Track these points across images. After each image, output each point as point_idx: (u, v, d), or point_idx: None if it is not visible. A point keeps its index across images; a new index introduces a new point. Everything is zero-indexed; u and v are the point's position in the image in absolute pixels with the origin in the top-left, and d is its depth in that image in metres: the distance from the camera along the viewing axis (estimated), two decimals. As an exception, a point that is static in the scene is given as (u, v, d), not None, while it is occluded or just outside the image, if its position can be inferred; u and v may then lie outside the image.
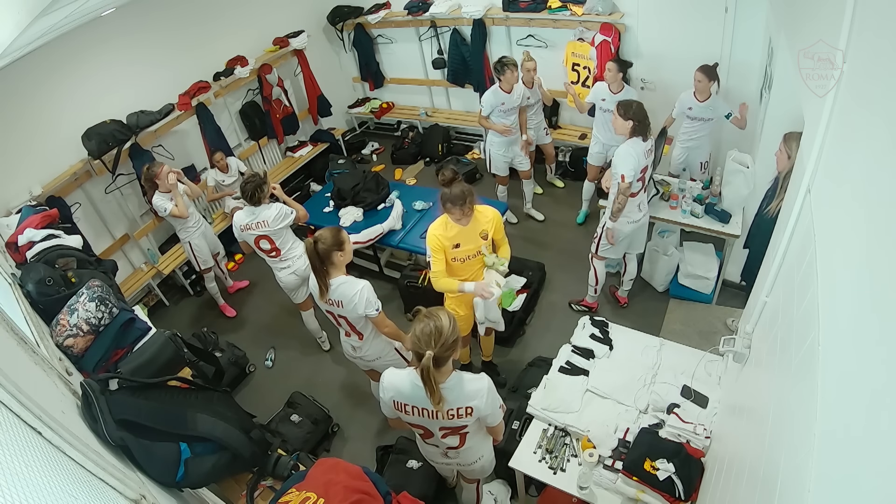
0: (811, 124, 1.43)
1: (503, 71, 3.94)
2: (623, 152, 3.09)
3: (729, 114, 3.63)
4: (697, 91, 3.68)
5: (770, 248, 2.00)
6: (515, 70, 3.97)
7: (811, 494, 0.89)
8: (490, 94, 4.09)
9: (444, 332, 1.80)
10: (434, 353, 1.77)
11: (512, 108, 4.13)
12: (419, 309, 1.90)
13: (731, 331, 3.45)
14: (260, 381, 4.01)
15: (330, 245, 2.46)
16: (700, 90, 3.66)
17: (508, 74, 3.94)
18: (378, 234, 4.09)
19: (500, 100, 4.06)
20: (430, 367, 1.77)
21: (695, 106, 3.75)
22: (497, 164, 4.53)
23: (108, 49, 4.27)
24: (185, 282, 4.88)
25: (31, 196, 3.87)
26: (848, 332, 0.94)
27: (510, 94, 4.05)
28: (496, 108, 4.10)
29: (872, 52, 1.05)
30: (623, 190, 3.10)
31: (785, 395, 1.25)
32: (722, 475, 1.78)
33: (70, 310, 2.22)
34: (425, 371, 1.78)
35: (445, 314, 1.85)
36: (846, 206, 1.10)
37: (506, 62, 3.95)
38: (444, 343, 1.79)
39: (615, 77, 3.87)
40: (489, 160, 4.58)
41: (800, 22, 1.79)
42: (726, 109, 3.65)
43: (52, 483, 0.91)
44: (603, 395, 2.54)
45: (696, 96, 3.72)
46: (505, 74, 3.95)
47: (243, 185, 3.32)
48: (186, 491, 1.71)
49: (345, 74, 6.69)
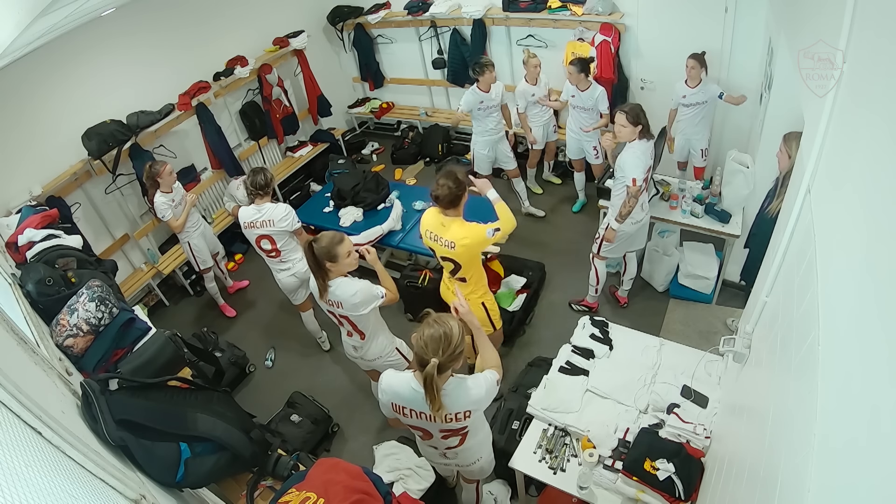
0: (811, 124, 1.43)
1: (482, 72, 4.08)
2: (633, 156, 3.07)
3: (721, 94, 3.86)
4: (689, 78, 3.88)
5: (770, 247, 2.00)
6: (493, 71, 4.11)
7: (811, 494, 0.88)
8: (469, 94, 4.23)
9: (452, 341, 1.77)
10: (440, 361, 1.74)
11: (492, 107, 4.27)
12: (428, 312, 1.86)
13: (731, 331, 3.45)
14: (260, 381, 4.01)
15: (322, 252, 2.46)
16: (692, 76, 3.85)
17: (487, 75, 4.09)
18: (378, 236, 4.09)
19: (479, 98, 4.20)
20: (434, 375, 1.74)
21: (688, 93, 3.96)
22: (480, 163, 4.61)
23: (108, 49, 4.27)
24: (185, 282, 4.88)
25: (31, 196, 3.86)
26: (848, 332, 0.94)
27: (488, 93, 4.19)
28: (475, 106, 4.24)
29: (872, 52, 1.05)
30: (635, 193, 3.09)
31: (785, 396, 1.25)
32: (722, 475, 1.78)
33: (70, 310, 2.22)
34: (428, 378, 1.75)
35: (455, 322, 1.82)
36: (846, 206, 1.10)
37: (483, 63, 4.11)
38: (451, 352, 1.76)
39: (578, 78, 4.04)
40: (473, 159, 4.66)
41: (800, 22, 1.79)
42: (717, 90, 3.88)
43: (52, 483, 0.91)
44: (603, 395, 2.54)
45: (687, 84, 3.92)
46: (484, 75, 4.09)
47: (254, 174, 3.31)
48: (186, 491, 1.71)
49: (345, 74, 6.69)
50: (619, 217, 3.25)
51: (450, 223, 2.66)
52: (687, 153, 4.32)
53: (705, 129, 4.13)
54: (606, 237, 3.44)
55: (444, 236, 2.67)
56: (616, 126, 3.13)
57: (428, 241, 2.79)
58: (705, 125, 4.10)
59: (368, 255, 2.69)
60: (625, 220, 3.27)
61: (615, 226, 3.33)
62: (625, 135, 3.09)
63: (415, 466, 2.87)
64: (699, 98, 3.94)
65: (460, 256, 2.69)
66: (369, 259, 2.69)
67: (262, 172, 3.32)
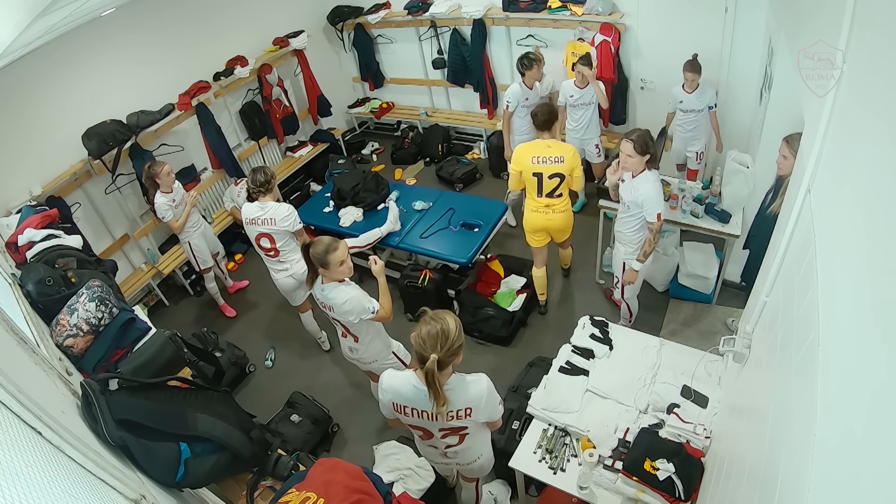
0: (811, 124, 1.43)
1: (529, 66, 3.95)
2: (651, 190, 2.85)
3: (711, 106, 3.88)
4: (687, 84, 3.87)
5: (770, 247, 2.00)
6: (541, 66, 4.01)
7: (811, 494, 0.89)
8: (517, 88, 4.10)
9: (450, 336, 1.80)
10: (439, 357, 1.77)
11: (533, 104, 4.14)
12: (424, 310, 1.90)
13: (731, 331, 3.45)
14: (260, 381, 4.01)
15: (316, 258, 2.50)
16: (689, 83, 3.85)
17: (535, 70, 3.98)
18: (376, 238, 4.08)
19: (524, 95, 4.11)
20: (435, 371, 1.78)
21: (685, 98, 3.95)
22: None
23: (108, 49, 4.27)
24: (185, 282, 4.88)
25: (31, 196, 3.86)
26: (848, 332, 0.94)
27: (532, 90, 4.13)
28: (520, 103, 4.13)
29: (872, 52, 1.05)
30: (658, 229, 2.92)
31: (785, 395, 1.25)
32: (722, 475, 1.78)
33: (70, 310, 2.22)
34: (430, 374, 1.77)
35: (452, 318, 1.85)
36: (846, 207, 1.10)
37: (533, 57, 3.97)
38: (449, 347, 1.79)
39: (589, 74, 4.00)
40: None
41: (800, 22, 1.79)
42: (712, 101, 3.88)
43: (52, 483, 0.91)
44: (603, 395, 2.54)
45: (684, 89, 3.91)
46: (531, 70, 3.98)
47: (253, 172, 3.33)
48: (186, 491, 1.70)
49: (345, 74, 6.69)
50: (643, 256, 3.04)
51: (553, 143, 3.33)
52: (683, 156, 4.31)
53: (702, 135, 4.11)
54: (627, 280, 3.20)
55: (552, 154, 3.29)
56: (622, 156, 2.90)
57: (533, 167, 3.32)
58: (702, 130, 4.09)
59: (375, 265, 2.67)
60: (648, 259, 3.06)
61: (637, 266, 3.09)
62: (631, 165, 2.86)
63: (415, 466, 2.87)
64: (696, 105, 3.93)
65: (566, 166, 3.28)
66: (375, 270, 2.68)
67: (261, 170, 3.33)
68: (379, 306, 2.63)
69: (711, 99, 3.88)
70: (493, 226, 4.10)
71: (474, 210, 4.23)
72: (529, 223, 3.59)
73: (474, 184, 5.52)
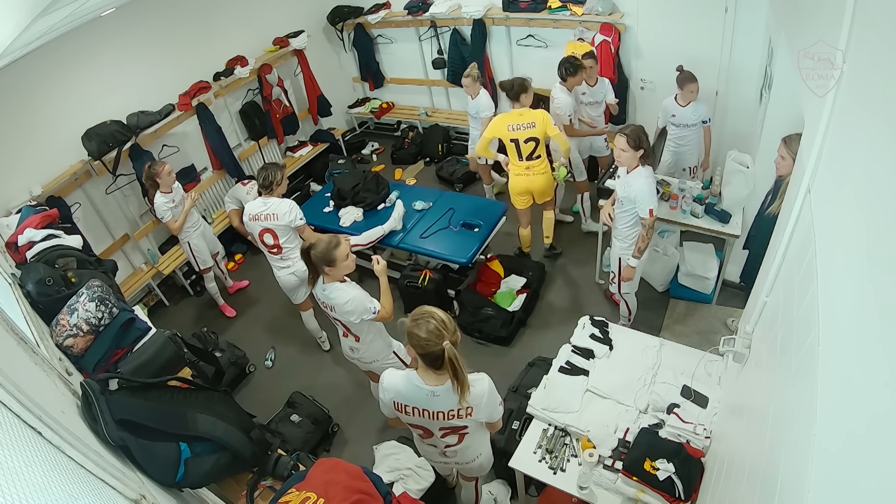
0: (811, 124, 1.43)
1: (574, 72, 3.80)
2: (646, 184, 2.88)
3: (706, 120, 3.77)
4: (681, 96, 3.72)
5: (770, 247, 2.00)
6: (584, 72, 3.86)
7: (811, 495, 0.89)
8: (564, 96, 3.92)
9: (446, 322, 1.84)
10: (451, 340, 1.80)
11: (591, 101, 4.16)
12: (404, 321, 1.91)
13: (731, 331, 3.45)
14: (260, 381, 4.01)
15: (319, 257, 2.49)
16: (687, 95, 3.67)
17: (578, 76, 3.84)
18: (379, 236, 4.09)
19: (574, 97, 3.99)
20: (456, 354, 1.80)
21: (678, 112, 3.79)
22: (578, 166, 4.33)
23: (108, 49, 4.27)
24: (185, 282, 4.88)
25: (31, 196, 3.86)
26: (848, 332, 0.94)
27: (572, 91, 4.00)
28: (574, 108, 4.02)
29: (872, 52, 1.05)
30: (652, 224, 2.95)
31: (785, 396, 1.25)
32: (722, 475, 1.78)
33: (70, 310, 2.22)
34: (453, 359, 1.79)
35: (432, 308, 1.89)
36: (846, 206, 1.10)
37: (577, 64, 3.79)
38: (452, 330, 1.84)
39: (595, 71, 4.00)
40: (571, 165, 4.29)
41: (800, 22, 1.79)
42: (706, 115, 3.78)
43: (52, 483, 0.91)
44: (603, 395, 2.54)
45: (677, 101, 3.76)
46: (575, 76, 3.82)
47: (262, 170, 3.33)
48: (186, 491, 1.70)
49: (345, 74, 6.69)
50: (638, 253, 3.08)
51: (524, 111, 3.63)
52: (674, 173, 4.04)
53: (696, 151, 3.95)
54: (625, 276, 3.25)
55: (524, 120, 3.60)
56: (616, 150, 2.95)
57: (509, 133, 3.65)
58: (696, 147, 3.93)
59: (377, 265, 2.68)
60: (643, 255, 3.10)
61: (633, 263, 3.12)
62: (625, 159, 2.91)
63: (415, 466, 2.87)
64: (690, 119, 3.75)
65: (539, 130, 3.59)
66: (377, 269, 2.69)
67: (268, 170, 3.34)
68: (380, 306, 2.63)
69: (706, 113, 3.75)
70: (493, 226, 4.11)
71: (474, 210, 4.23)
72: (514, 186, 3.94)
73: (474, 184, 5.52)
